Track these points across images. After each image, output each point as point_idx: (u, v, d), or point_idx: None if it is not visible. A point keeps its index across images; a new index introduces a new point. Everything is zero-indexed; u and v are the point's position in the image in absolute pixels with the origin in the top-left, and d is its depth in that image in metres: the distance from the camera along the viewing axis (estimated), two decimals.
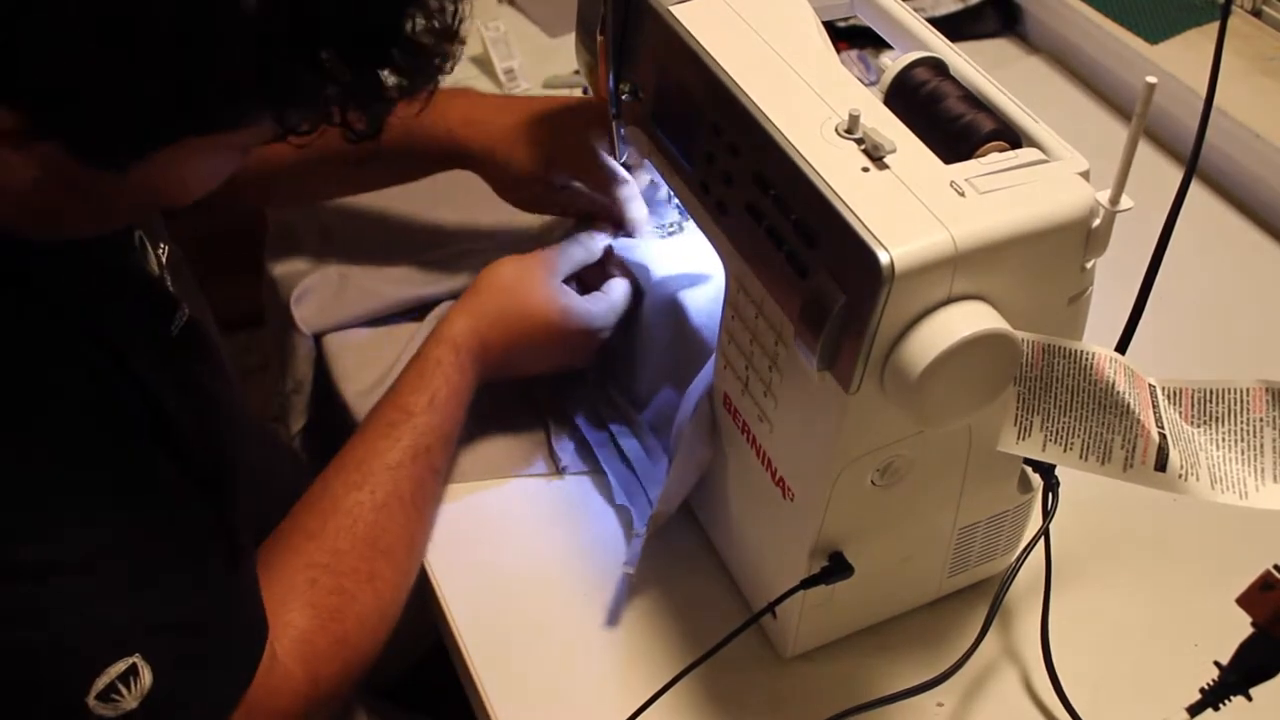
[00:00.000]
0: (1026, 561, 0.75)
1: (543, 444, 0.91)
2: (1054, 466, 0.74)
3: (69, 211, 0.61)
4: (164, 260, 0.77)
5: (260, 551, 0.75)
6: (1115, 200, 0.60)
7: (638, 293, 0.91)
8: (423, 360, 0.84)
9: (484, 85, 1.25)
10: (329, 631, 0.72)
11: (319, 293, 1.01)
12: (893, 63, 0.69)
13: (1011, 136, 0.64)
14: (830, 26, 0.73)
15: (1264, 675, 0.60)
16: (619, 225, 0.93)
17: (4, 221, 0.59)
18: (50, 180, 0.56)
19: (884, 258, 0.56)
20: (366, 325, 1.01)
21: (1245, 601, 0.59)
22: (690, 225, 0.93)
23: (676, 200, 0.91)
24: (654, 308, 0.90)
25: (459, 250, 1.03)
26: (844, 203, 0.58)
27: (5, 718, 0.59)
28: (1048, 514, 0.75)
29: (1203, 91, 0.64)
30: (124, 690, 0.59)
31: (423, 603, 0.83)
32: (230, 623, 0.67)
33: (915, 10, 0.74)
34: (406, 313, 1.01)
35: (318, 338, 1.00)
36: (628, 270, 0.91)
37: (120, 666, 0.59)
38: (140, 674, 0.60)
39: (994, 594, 0.74)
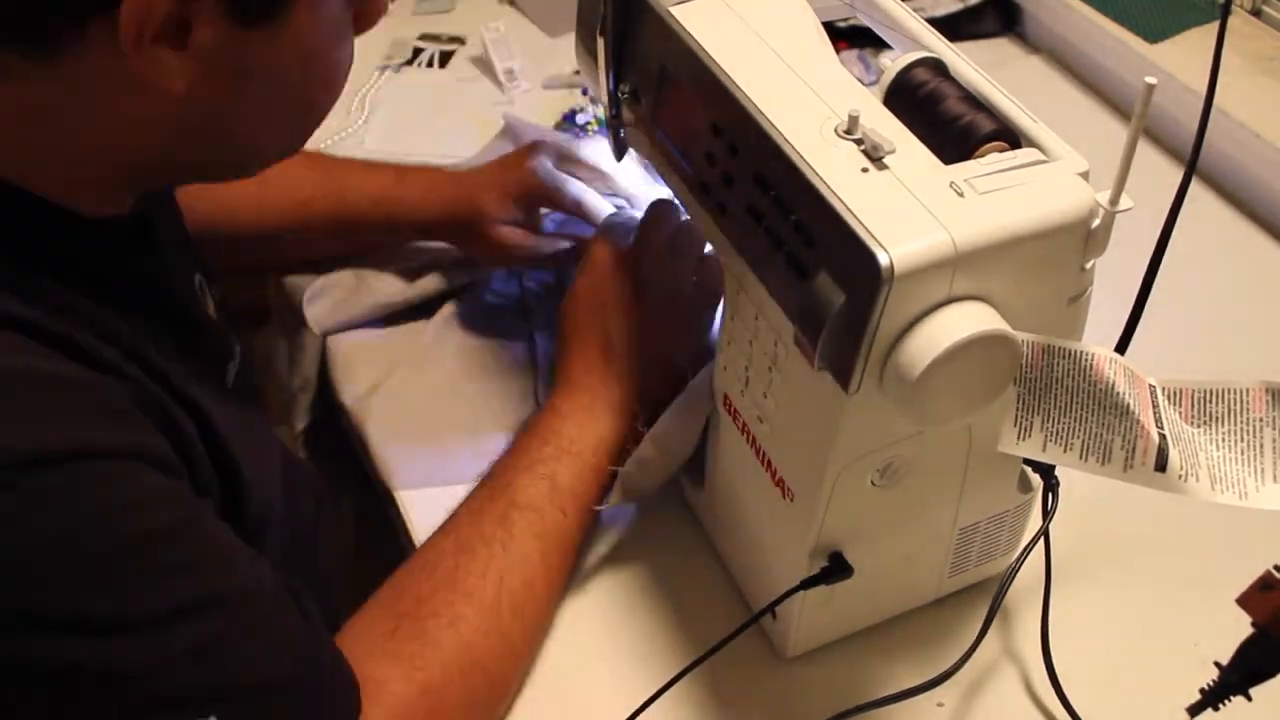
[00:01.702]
0: (1026, 561, 0.75)
1: None
2: (1054, 466, 0.74)
3: (214, 138, 0.62)
4: (218, 302, 0.78)
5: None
6: (1115, 200, 0.60)
7: None
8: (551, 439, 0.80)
9: (484, 85, 1.25)
10: (413, 681, 0.67)
11: (331, 293, 1.01)
12: (892, 63, 0.69)
13: (1011, 137, 0.64)
14: (830, 26, 0.73)
15: (1264, 675, 0.60)
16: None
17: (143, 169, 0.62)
18: (205, 81, 0.57)
19: (883, 258, 0.56)
20: (376, 326, 1.01)
21: (1245, 602, 0.59)
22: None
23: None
24: None
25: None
26: (843, 203, 0.58)
27: None
28: (1048, 514, 0.75)
29: (1203, 91, 0.64)
30: None
31: None
32: (318, 686, 0.63)
33: (915, 10, 0.74)
34: (417, 308, 1.01)
35: (325, 337, 1.01)
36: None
37: None
38: None
39: (994, 594, 0.74)
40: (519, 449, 0.80)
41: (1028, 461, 0.75)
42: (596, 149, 0.94)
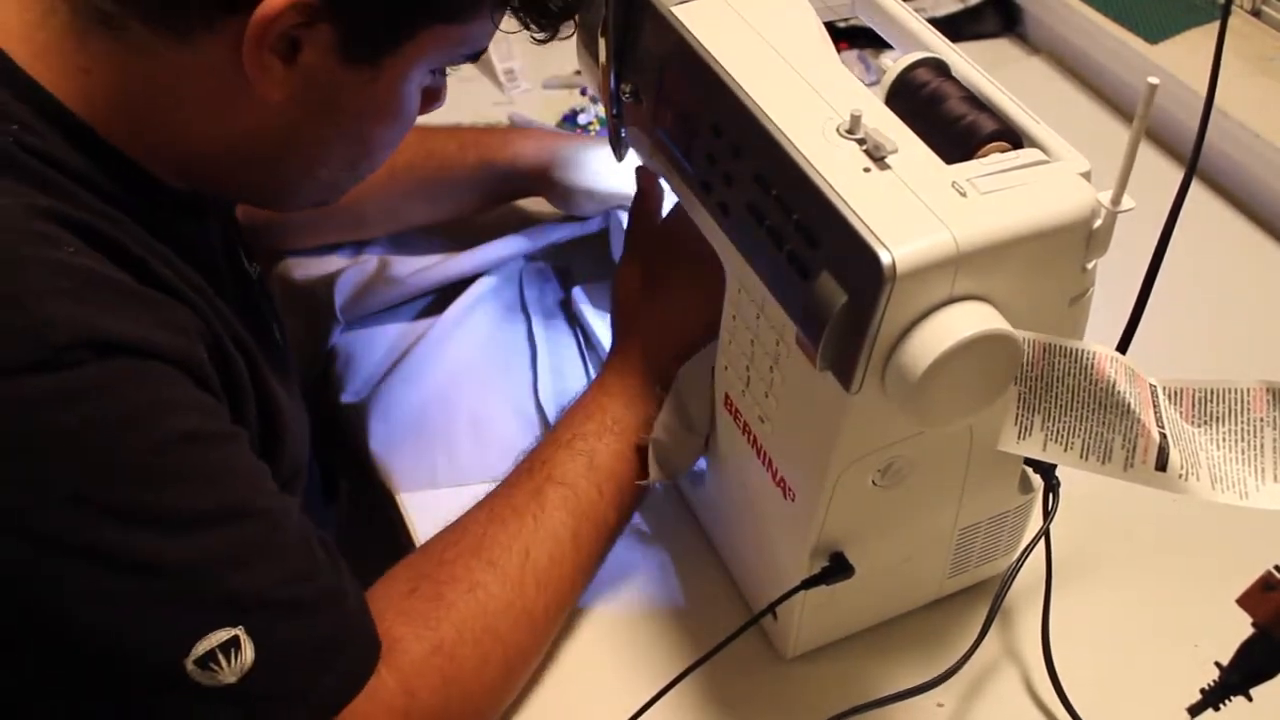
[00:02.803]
0: (1027, 562, 0.75)
1: None
2: (1054, 467, 0.74)
3: (280, 158, 0.69)
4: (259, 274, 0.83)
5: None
6: (1116, 201, 0.60)
7: None
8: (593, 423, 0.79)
9: (484, 85, 1.25)
10: (424, 640, 0.67)
11: (355, 281, 1.01)
12: (894, 63, 0.69)
13: (1013, 137, 0.64)
14: (830, 26, 0.73)
15: (1265, 676, 0.60)
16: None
17: (219, 172, 0.69)
18: (298, 98, 0.64)
19: (885, 258, 0.56)
20: (377, 324, 1.01)
21: (1246, 602, 0.59)
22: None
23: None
24: None
25: (493, 230, 1.04)
26: (845, 203, 0.58)
27: (102, 667, 0.57)
28: (1048, 514, 0.75)
29: (1203, 91, 0.64)
30: (223, 662, 0.57)
31: None
32: (342, 625, 0.64)
33: (915, 10, 0.74)
34: (426, 305, 1.02)
35: (341, 332, 1.01)
36: None
37: (222, 635, 0.57)
38: (242, 648, 0.58)
39: (994, 594, 0.74)
40: (563, 424, 0.80)
41: (1028, 461, 0.75)
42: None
